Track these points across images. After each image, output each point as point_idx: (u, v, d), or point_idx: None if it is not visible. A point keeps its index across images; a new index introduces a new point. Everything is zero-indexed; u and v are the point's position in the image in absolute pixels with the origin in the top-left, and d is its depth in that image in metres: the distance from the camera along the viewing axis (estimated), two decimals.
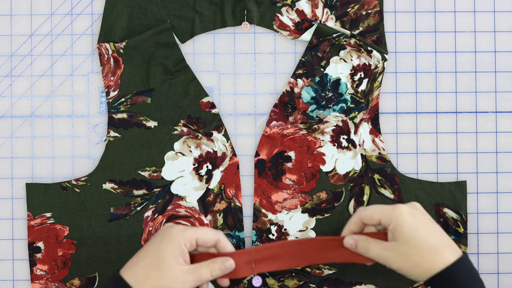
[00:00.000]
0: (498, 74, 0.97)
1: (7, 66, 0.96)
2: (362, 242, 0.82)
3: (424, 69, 0.96)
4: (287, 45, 0.96)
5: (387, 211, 0.81)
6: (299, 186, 0.94)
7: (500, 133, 0.96)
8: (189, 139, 0.94)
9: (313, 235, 0.94)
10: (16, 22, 0.96)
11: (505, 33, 0.97)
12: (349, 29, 0.95)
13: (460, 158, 0.96)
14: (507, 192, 0.96)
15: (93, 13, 0.96)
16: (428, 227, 0.80)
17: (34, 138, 0.95)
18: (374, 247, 0.81)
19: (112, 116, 0.94)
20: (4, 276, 0.94)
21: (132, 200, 0.94)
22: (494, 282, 0.96)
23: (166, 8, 0.95)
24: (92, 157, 0.95)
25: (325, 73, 0.94)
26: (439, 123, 0.96)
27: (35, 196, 0.94)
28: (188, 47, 0.96)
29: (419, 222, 0.80)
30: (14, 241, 0.95)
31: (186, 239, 0.81)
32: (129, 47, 0.94)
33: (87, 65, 0.96)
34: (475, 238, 0.96)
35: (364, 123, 0.94)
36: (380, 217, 0.81)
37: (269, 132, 0.94)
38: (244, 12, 0.95)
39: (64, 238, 0.93)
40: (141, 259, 0.81)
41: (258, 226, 0.94)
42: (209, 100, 0.94)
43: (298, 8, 0.95)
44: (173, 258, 0.80)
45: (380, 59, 0.94)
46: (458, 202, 0.94)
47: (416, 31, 0.96)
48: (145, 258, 0.81)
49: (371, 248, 0.81)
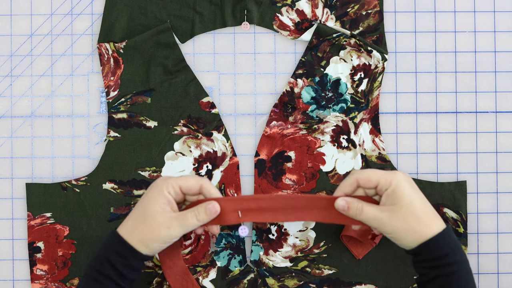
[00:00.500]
0: (498, 74, 0.97)
1: (7, 66, 0.96)
2: (355, 204, 0.82)
3: (424, 69, 0.96)
4: (287, 45, 0.96)
5: (386, 175, 0.81)
6: (299, 186, 0.94)
7: (500, 133, 0.96)
8: (189, 139, 0.94)
9: (313, 235, 0.94)
10: (16, 22, 0.96)
11: (505, 33, 0.97)
12: (349, 29, 0.95)
13: (460, 158, 0.96)
14: (507, 192, 0.96)
15: (93, 13, 0.96)
16: (421, 197, 0.82)
17: (34, 138, 0.95)
18: (369, 209, 0.81)
19: (112, 116, 0.94)
20: (4, 276, 0.95)
21: (132, 200, 0.94)
22: (494, 282, 0.96)
23: (166, 8, 0.95)
24: (92, 157, 0.95)
25: (325, 73, 0.94)
26: (439, 123, 0.96)
27: (35, 196, 0.94)
28: (188, 47, 0.96)
29: (415, 190, 0.82)
30: (14, 241, 0.95)
31: (169, 187, 0.83)
32: (129, 47, 0.94)
33: (87, 65, 0.96)
34: (475, 238, 0.96)
35: (364, 123, 0.94)
36: (379, 180, 0.81)
37: (269, 132, 0.94)
38: (244, 12, 0.95)
39: (64, 238, 0.93)
40: (132, 213, 0.84)
41: (258, 226, 0.94)
42: (209, 100, 0.94)
43: (298, 8, 0.95)
44: (157, 205, 0.82)
45: (380, 59, 0.94)
46: (458, 202, 0.94)
47: (416, 31, 0.96)
48: (134, 211, 0.84)
49: (365, 210, 0.81)
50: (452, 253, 0.80)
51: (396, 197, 0.80)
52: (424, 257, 0.80)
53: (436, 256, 0.79)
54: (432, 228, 0.80)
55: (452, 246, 0.80)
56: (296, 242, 0.94)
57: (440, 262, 0.79)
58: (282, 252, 0.94)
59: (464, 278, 0.80)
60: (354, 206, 0.82)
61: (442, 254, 0.79)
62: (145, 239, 0.82)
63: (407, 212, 0.80)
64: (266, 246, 0.94)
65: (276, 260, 0.94)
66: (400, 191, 0.80)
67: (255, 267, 0.94)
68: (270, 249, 0.94)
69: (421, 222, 0.80)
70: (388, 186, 0.81)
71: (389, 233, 0.81)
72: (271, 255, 0.94)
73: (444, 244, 0.80)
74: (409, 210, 0.80)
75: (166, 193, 0.83)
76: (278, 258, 0.94)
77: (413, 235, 0.80)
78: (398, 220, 0.80)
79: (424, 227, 0.80)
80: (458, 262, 0.80)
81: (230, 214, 0.84)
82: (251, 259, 0.94)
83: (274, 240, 0.94)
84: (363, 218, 0.81)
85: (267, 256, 0.94)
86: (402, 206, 0.80)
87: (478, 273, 0.95)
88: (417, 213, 0.80)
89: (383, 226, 0.81)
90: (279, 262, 0.94)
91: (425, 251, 0.80)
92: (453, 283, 0.79)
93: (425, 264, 0.80)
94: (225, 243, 0.94)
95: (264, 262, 0.94)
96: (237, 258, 0.94)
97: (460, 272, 0.80)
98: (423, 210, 0.81)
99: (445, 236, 0.80)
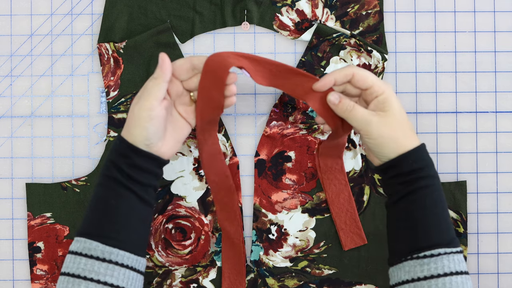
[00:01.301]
0: (498, 74, 0.97)
1: (7, 66, 0.96)
2: (347, 100, 0.81)
3: (424, 69, 0.96)
4: (287, 45, 0.96)
5: (380, 82, 0.81)
6: (299, 186, 0.94)
7: (500, 133, 0.96)
8: (189, 139, 0.94)
9: (313, 235, 0.94)
10: (16, 22, 0.96)
11: (505, 33, 0.97)
12: (349, 29, 0.95)
13: (460, 158, 0.96)
14: (507, 192, 0.96)
15: (93, 13, 0.96)
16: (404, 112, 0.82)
17: (34, 138, 0.95)
18: (360, 109, 0.81)
19: (112, 116, 0.94)
20: (4, 276, 0.94)
21: None
22: (494, 282, 0.96)
23: (166, 8, 0.95)
24: (92, 157, 0.95)
25: (325, 73, 0.94)
26: (439, 123, 0.96)
27: (35, 196, 0.94)
28: (188, 47, 0.96)
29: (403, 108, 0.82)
30: (14, 241, 0.95)
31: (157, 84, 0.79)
32: (129, 47, 0.94)
33: (87, 65, 0.96)
34: (475, 238, 0.96)
35: None
36: (374, 84, 0.80)
37: (269, 132, 0.94)
38: (244, 12, 0.95)
39: (64, 238, 0.93)
40: None
41: (258, 226, 0.94)
42: None
43: (298, 8, 0.95)
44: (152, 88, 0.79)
45: (380, 59, 0.94)
46: (458, 202, 0.94)
47: (416, 31, 0.96)
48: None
49: (356, 108, 0.80)
50: (427, 167, 0.80)
51: (387, 105, 0.80)
52: (398, 171, 0.80)
53: (412, 169, 0.80)
54: (412, 141, 0.81)
55: (428, 161, 0.81)
56: (296, 242, 0.94)
57: (416, 175, 0.80)
58: (282, 252, 0.94)
59: (437, 193, 0.81)
60: (346, 101, 0.81)
61: (419, 166, 0.80)
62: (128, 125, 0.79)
63: (395, 121, 0.80)
64: (266, 246, 0.94)
65: (276, 260, 0.94)
66: (391, 100, 0.80)
67: (255, 267, 0.94)
68: (270, 249, 0.94)
69: (405, 134, 0.80)
70: (381, 93, 0.80)
71: (374, 138, 0.80)
72: (271, 255, 0.94)
73: (421, 157, 0.81)
74: (397, 119, 0.80)
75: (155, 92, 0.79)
76: (278, 258, 0.94)
77: (395, 145, 0.80)
78: (385, 127, 0.80)
79: (406, 139, 0.80)
80: (432, 176, 0.80)
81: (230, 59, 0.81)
82: (251, 259, 0.94)
83: (274, 240, 0.94)
84: (352, 115, 0.80)
85: (267, 256, 0.94)
86: (392, 114, 0.80)
87: (478, 273, 0.95)
88: (403, 124, 0.80)
89: (370, 129, 0.80)
90: (279, 262, 0.94)
91: (402, 164, 0.80)
92: (427, 197, 0.80)
93: (399, 180, 0.80)
94: None
95: (264, 262, 0.94)
96: None
97: (433, 187, 0.80)
98: (407, 124, 0.81)
99: (423, 151, 0.81)
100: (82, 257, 0.77)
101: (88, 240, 0.78)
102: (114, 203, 0.79)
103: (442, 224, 0.80)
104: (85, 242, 0.78)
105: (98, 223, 0.79)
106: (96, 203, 0.80)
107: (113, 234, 0.78)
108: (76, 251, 0.78)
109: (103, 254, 0.77)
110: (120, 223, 0.79)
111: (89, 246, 0.78)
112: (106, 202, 0.79)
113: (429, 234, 0.79)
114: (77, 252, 0.78)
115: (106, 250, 0.77)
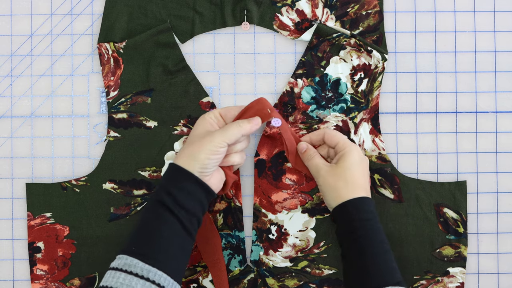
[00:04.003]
0: (498, 74, 0.97)
1: (7, 66, 0.96)
2: (311, 151, 0.91)
3: (424, 69, 0.96)
4: (287, 45, 0.96)
5: (346, 141, 0.90)
6: (299, 186, 0.94)
7: (500, 133, 0.96)
8: None
9: (313, 235, 0.94)
10: (16, 22, 0.96)
11: (505, 33, 0.97)
12: (349, 29, 0.95)
13: (460, 158, 0.96)
14: (507, 192, 0.96)
15: (93, 13, 0.96)
16: (363, 173, 0.89)
17: (34, 138, 0.95)
18: (317, 159, 0.90)
19: (112, 116, 0.94)
20: (4, 276, 0.95)
21: (132, 200, 0.94)
22: (494, 282, 0.96)
23: (166, 8, 0.95)
24: (92, 157, 0.95)
25: (325, 73, 0.94)
26: (439, 123, 0.96)
27: (35, 196, 0.94)
28: (188, 47, 0.96)
29: (360, 166, 0.89)
30: (14, 241, 0.95)
31: (210, 114, 0.88)
32: (129, 47, 0.94)
33: (87, 65, 0.96)
34: (475, 238, 0.96)
35: (364, 123, 0.94)
36: (339, 141, 0.90)
37: (269, 132, 0.94)
38: (244, 12, 0.95)
39: (64, 238, 0.93)
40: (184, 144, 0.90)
41: (258, 226, 0.94)
42: (209, 100, 0.94)
43: (298, 8, 0.95)
44: (201, 127, 0.87)
45: (380, 59, 0.94)
46: (458, 202, 0.94)
47: (416, 31, 0.96)
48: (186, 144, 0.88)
49: (315, 158, 0.90)
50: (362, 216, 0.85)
51: (342, 159, 0.88)
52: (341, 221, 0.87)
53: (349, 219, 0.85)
54: (355, 194, 0.86)
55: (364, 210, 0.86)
56: (296, 242, 0.94)
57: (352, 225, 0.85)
58: (282, 252, 0.94)
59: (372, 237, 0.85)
60: (310, 151, 0.91)
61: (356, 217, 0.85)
62: (192, 152, 0.84)
63: (341, 174, 0.87)
64: (266, 246, 0.94)
65: (276, 260, 0.94)
66: (348, 156, 0.88)
67: (255, 267, 0.94)
68: (270, 249, 0.94)
69: (347, 186, 0.87)
70: (343, 149, 0.89)
71: (320, 185, 0.89)
72: (271, 255, 0.94)
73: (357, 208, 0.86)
74: (343, 173, 0.87)
75: (208, 118, 0.87)
76: (278, 258, 0.94)
77: (335, 194, 0.87)
78: (331, 177, 0.88)
79: (346, 191, 0.87)
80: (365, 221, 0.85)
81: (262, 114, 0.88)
82: (251, 259, 0.94)
83: (274, 240, 0.94)
84: (310, 163, 0.91)
85: (267, 256, 0.94)
86: (340, 167, 0.88)
87: (478, 273, 0.95)
88: (348, 178, 0.87)
89: (318, 176, 0.89)
90: (279, 262, 0.94)
91: (342, 213, 0.86)
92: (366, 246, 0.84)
93: (342, 230, 0.86)
94: (225, 243, 0.94)
95: (264, 262, 0.94)
96: (237, 258, 0.94)
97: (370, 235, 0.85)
98: (356, 180, 0.87)
99: (362, 202, 0.86)
100: (121, 272, 0.79)
101: (129, 257, 0.79)
102: (157, 227, 0.81)
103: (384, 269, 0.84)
104: (126, 259, 0.79)
105: (140, 243, 0.81)
106: (140, 225, 0.82)
107: (154, 254, 0.80)
108: (116, 267, 0.79)
109: (142, 271, 0.78)
110: (161, 246, 0.80)
111: (129, 262, 0.79)
112: (150, 224, 0.82)
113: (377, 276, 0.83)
114: (117, 268, 0.79)
115: (145, 268, 0.78)
